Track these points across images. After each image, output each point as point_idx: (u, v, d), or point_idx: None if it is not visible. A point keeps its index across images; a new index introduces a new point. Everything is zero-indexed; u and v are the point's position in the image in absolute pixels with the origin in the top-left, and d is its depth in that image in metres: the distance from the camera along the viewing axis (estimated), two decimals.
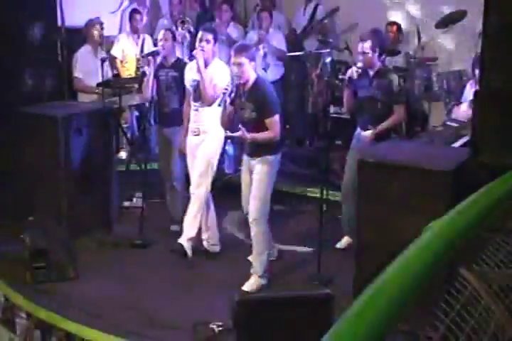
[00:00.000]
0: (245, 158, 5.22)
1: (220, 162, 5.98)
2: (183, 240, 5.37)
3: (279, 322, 3.77)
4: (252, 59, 5.01)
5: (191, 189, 5.49)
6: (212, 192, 5.60)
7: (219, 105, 5.24)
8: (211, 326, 4.45)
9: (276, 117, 4.96)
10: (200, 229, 5.54)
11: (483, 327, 1.57)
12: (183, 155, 5.74)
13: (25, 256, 5.19)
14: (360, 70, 5.45)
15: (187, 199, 5.57)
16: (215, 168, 5.51)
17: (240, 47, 5.11)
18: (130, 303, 4.86)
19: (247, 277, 5.07)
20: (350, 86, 5.59)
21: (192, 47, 6.23)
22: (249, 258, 5.33)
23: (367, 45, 5.42)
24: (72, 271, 5.26)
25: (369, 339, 1.18)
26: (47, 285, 5.10)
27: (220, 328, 4.42)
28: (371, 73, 5.52)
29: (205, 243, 5.66)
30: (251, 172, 5.12)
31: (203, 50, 5.34)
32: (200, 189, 5.43)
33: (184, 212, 5.61)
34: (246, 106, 4.99)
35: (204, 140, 5.48)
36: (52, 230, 5.49)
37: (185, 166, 5.76)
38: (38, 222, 5.41)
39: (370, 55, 5.43)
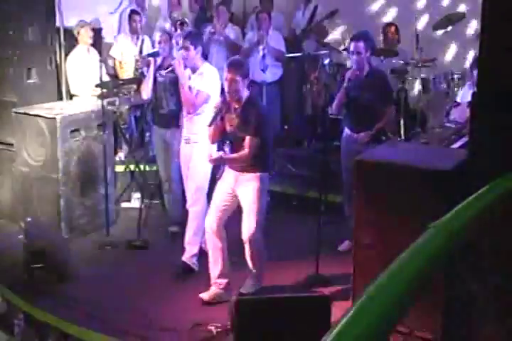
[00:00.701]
0: (231, 172, 4.85)
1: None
2: (187, 258, 5.35)
3: (277, 323, 3.78)
4: (246, 76, 4.71)
5: (187, 205, 5.42)
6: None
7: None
8: (209, 327, 4.45)
9: (257, 139, 4.66)
10: None
11: (480, 326, 1.58)
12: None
13: (24, 256, 5.19)
14: (355, 70, 5.47)
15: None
16: (209, 177, 5.39)
17: (235, 63, 4.80)
18: (129, 304, 4.85)
19: (246, 278, 5.07)
20: (346, 87, 5.57)
21: None
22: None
23: (360, 44, 5.43)
24: (71, 272, 5.26)
25: (369, 340, 1.18)
26: (45, 286, 5.10)
27: (219, 329, 4.42)
28: (362, 74, 5.54)
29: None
30: (234, 186, 4.82)
31: (185, 58, 5.31)
32: (197, 206, 5.34)
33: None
34: (235, 122, 4.75)
35: (196, 151, 5.36)
36: (52, 230, 5.49)
37: None
38: (37, 222, 5.40)
39: (362, 55, 5.45)
